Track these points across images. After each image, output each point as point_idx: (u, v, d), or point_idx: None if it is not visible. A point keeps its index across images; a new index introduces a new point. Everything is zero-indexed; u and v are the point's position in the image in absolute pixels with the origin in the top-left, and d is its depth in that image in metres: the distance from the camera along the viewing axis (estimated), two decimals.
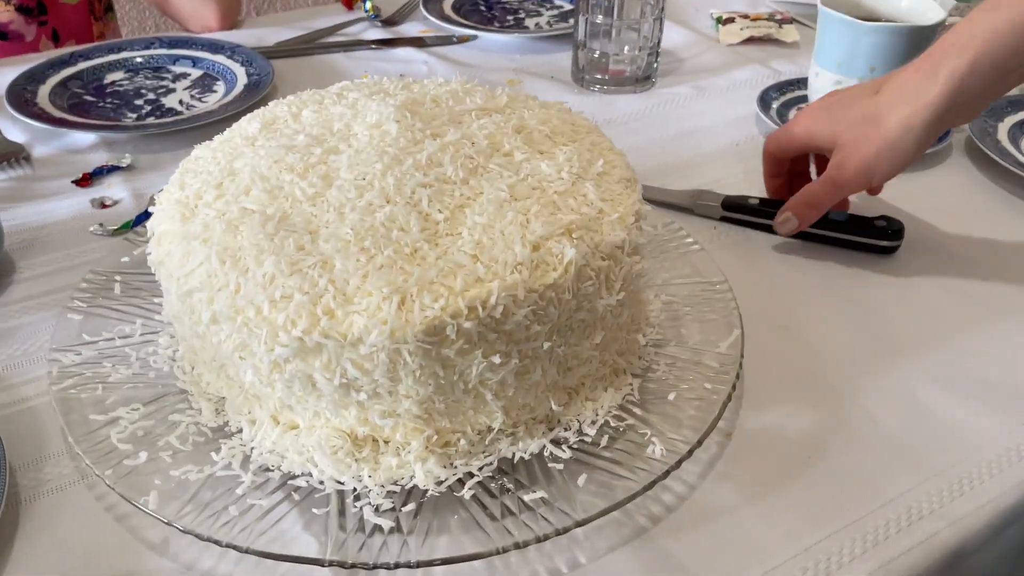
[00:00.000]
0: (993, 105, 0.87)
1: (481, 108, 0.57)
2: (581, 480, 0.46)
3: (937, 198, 0.78)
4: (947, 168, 0.83)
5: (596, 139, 0.57)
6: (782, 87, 0.93)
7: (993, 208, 0.77)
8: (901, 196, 0.78)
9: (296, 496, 0.46)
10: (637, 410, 0.51)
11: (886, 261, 0.69)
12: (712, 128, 0.90)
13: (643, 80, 0.97)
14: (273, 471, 0.47)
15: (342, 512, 0.45)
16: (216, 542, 0.43)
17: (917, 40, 0.78)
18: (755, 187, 0.79)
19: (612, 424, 0.50)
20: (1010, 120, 0.86)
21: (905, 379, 0.58)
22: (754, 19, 1.12)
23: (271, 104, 0.60)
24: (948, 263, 0.69)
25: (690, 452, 0.48)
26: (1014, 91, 0.97)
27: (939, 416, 0.55)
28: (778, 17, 1.12)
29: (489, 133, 0.53)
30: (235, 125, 0.58)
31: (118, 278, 0.61)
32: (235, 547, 0.42)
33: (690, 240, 0.65)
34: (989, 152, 0.79)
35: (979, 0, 1.06)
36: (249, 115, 0.58)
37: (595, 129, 0.58)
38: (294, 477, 0.47)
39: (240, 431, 0.49)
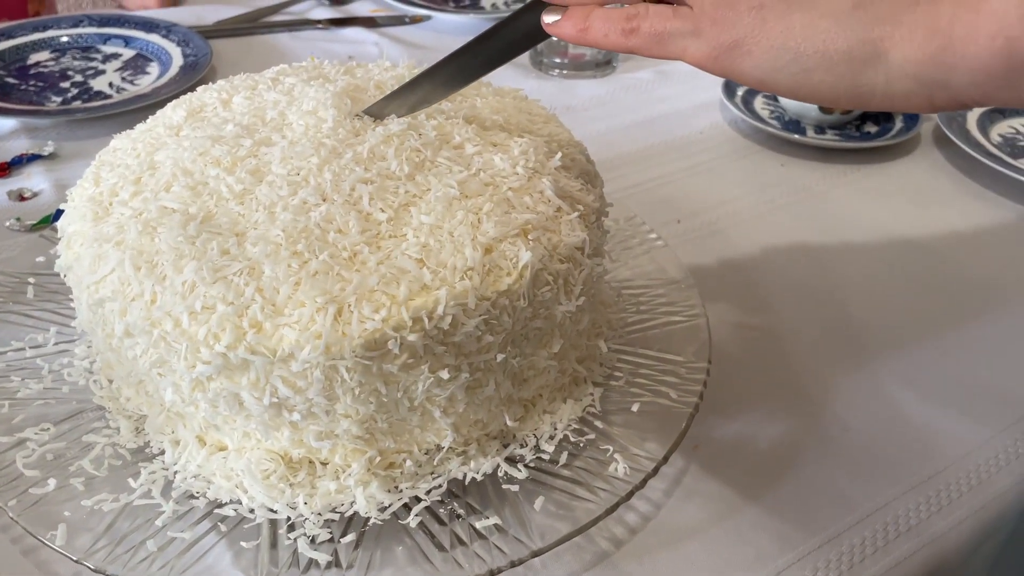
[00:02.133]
0: None
1: None
2: (538, 504, 0.43)
3: (905, 190, 0.75)
4: (915, 159, 0.80)
5: (554, 129, 0.53)
6: None
7: (963, 200, 0.74)
8: (868, 187, 0.76)
9: (223, 527, 0.41)
10: (598, 423, 0.48)
11: (857, 259, 0.66)
12: (675, 115, 0.86)
13: (604, 64, 0.93)
14: (198, 498, 0.42)
15: (274, 544, 0.41)
16: None
17: None
18: (721, 177, 0.76)
19: (572, 439, 0.47)
20: (979, 108, 0.84)
21: (879, 381, 0.55)
22: None
23: (200, 89, 0.54)
24: (919, 257, 0.67)
25: (655, 470, 0.44)
26: None
27: (915, 422, 0.52)
28: None
29: (437, 123, 0.49)
30: (159, 112, 0.53)
31: (32, 280, 0.55)
32: None
33: (653, 235, 0.62)
34: (958, 141, 0.77)
35: None
36: (174, 101, 0.53)
37: (553, 118, 0.54)
38: (221, 505, 0.42)
39: (162, 453, 0.45)
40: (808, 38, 0.33)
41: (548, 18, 0.41)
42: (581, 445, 0.46)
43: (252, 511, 0.42)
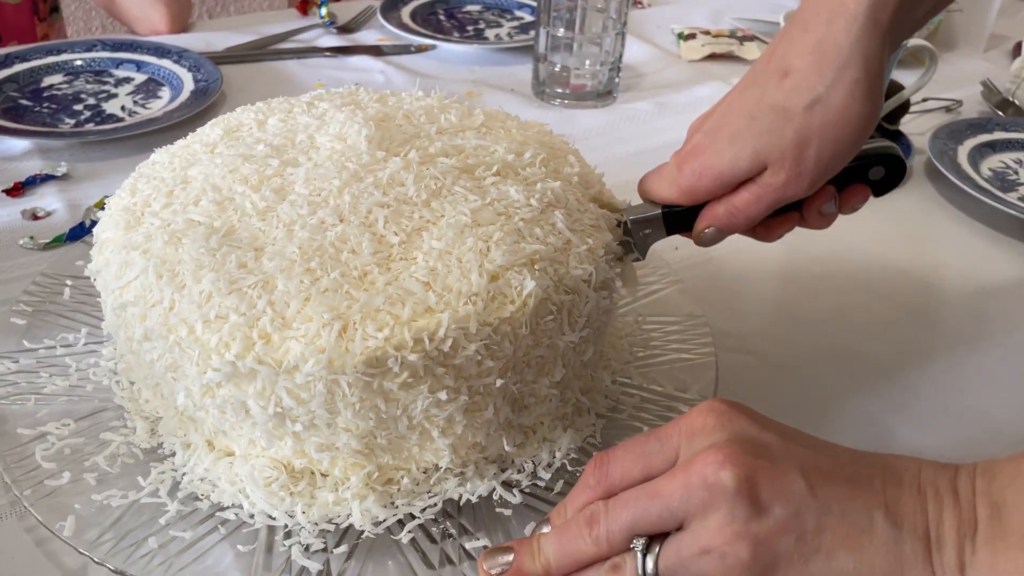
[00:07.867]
0: (953, 128, 0.86)
1: (456, 127, 0.54)
2: (528, 528, 0.43)
3: (898, 222, 0.77)
4: (907, 191, 0.81)
5: (576, 163, 0.54)
6: None
7: (954, 231, 0.76)
8: (862, 219, 0.75)
9: (223, 530, 0.43)
10: None
11: (851, 289, 0.67)
12: (673, 145, 0.84)
13: (604, 95, 0.95)
14: (202, 500, 0.44)
15: (270, 550, 0.42)
16: None
17: None
18: None
19: (569, 468, 0.47)
20: (970, 143, 0.85)
21: (872, 408, 0.56)
22: (716, 36, 1.10)
23: (238, 109, 0.57)
24: (910, 287, 0.68)
25: None
26: (973, 114, 0.95)
27: (905, 448, 0.53)
28: (740, 34, 1.11)
29: (460, 154, 0.50)
30: (199, 130, 0.56)
31: (69, 282, 0.58)
32: None
33: (663, 270, 0.63)
34: (949, 175, 0.78)
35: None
36: (213, 120, 0.56)
37: (575, 152, 0.56)
38: (223, 508, 0.44)
39: (173, 455, 0.46)
40: None
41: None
42: (578, 475, 0.47)
43: (252, 516, 0.43)
